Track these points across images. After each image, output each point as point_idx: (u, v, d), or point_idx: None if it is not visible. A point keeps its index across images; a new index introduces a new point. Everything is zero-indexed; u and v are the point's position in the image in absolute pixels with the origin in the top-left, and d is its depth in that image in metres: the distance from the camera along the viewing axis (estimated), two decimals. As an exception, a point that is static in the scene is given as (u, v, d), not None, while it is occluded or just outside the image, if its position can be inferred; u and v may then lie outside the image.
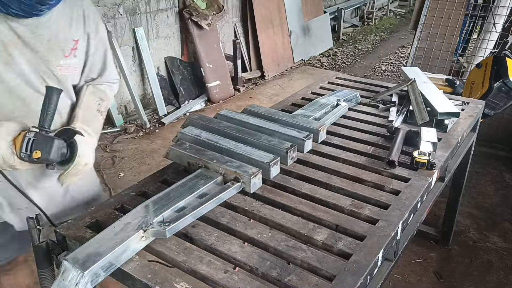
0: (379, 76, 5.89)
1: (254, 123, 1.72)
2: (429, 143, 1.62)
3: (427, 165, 1.54)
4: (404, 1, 10.05)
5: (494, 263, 2.54)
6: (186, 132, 1.62)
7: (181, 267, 1.13)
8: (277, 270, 1.09)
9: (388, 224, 1.27)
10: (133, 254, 1.14)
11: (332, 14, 7.19)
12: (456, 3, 3.88)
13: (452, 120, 1.91)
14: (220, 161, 1.43)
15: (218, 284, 1.06)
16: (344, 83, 2.45)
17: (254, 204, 1.36)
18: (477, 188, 3.24)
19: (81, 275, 1.00)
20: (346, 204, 1.36)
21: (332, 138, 1.79)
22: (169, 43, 4.62)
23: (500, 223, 2.88)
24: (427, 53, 3.93)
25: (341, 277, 1.06)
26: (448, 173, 1.90)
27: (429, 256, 2.60)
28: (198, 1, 4.63)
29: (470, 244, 2.70)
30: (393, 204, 1.36)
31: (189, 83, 4.83)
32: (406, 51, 6.68)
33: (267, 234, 1.22)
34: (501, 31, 3.70)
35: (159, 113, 4.41)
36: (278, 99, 4.13)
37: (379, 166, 1.57)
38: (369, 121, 1.97)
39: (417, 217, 1.54)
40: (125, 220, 1.18)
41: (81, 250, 1.07)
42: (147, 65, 4.28)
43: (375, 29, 8.14)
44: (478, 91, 2.81)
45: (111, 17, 3.96)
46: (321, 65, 6.26)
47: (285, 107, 2.13)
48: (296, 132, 1.66)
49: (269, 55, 5.65)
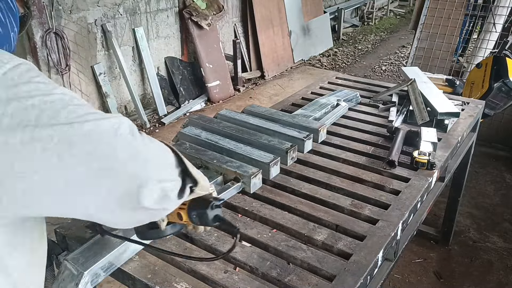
0: (379, 76, 5.89)
1: (254, 123, 1.72)
2: (429, 143, 1.62)
3: (427, 165, 1.54)
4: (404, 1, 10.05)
5: (494, 263, 2.54)
6: (186, 132, 1.62)
7: (181, 267, 1.13)
8: (277, 270, 1.09)
9: (388, 224, 1.27)
10: (133, 254, 1.14)
11: (332, 14, 7.19)
12: (456, 3, 3.88)
13: (452, 120, 1.91)
14: (220, 161, 1.44)
15: (218, 284, 1.06)
16: (344, 83, 2.45)
17: (254, 204, 1.36)
18: (477, 188, 3.24)
19: (81, 275, 1.00)
20: (346, 204, 1.36)
21: (332, 138, 1.79)
22: (169, 43, 4.62)
23: (500, 223, 2.88)
24: (427, 53, 3.93)
25: (341, 277, 1.06)
26: (448, 173, 1.90)
27: (429, 256, 2.60)
28: (198, 1, 4.63)
29: (470, 244, 2.70)
30: (393, 204, 1.36)
31: (189, 83, 4.83)
32: (406, 51, 6.67)
33: (267, 234, 1.22)
34: (501, 31, 3.69)
35: (159, 113, 4.41)
36: (278, 99, 4.13)
37: (379, 166, 1.57)
38: (369, 121, 1.97)
39: (417, 217, 1.54)
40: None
41: (81, 250, 1.07)
42: (147, 65, 4.28)
43: (375, 29, 8.13)
44: (478, 91, 2.81)
45: (111, 17, 3.96)
46: (321, 65, 6.25)
47: (285, 107, 2.13)
48: (296, 132, 1.66)
49: (269, 55, 5.65)
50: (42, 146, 0.57)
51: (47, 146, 0.57)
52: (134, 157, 0.65)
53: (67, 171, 0.59)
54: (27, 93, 0.58)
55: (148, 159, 0.68)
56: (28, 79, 0.60)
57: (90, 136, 0.60)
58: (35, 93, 0.59)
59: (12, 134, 0.56)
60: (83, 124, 0.60)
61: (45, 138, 0.57)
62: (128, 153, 0.64)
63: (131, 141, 0.65)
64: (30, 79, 0.60)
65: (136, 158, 0.65)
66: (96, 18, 3.83)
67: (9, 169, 0.56)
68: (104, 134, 0.62)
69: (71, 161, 0.59)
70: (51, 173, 0.58)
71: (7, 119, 0.56)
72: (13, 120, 0.56)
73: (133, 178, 0.65)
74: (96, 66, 3.88)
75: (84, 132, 0.60)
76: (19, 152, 0.56)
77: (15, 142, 0.56)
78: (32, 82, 0.59)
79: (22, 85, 0.58)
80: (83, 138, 0.60)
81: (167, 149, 0.76)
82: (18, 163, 0.56)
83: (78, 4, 3.65)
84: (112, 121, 0.64)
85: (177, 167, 0.75)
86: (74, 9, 3.63)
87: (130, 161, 0.64)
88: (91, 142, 0.60)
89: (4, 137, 0.55)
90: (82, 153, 0.59)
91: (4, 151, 0.56)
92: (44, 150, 0.57)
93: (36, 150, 0.56)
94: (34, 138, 0.56)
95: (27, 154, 0.56)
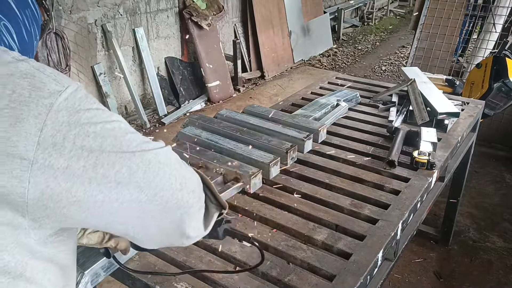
0: (379, 76, 5.89)
1: (254, 123, 1.72)
2: (429, 143, 1.63)
3: (427, 165, 1.54)
4: (404, 1, 10.05)
5: (493, 263, 2.54)
6: (186, 132, 1.62)
7: (181, 267, 1.13)
8: (277, 270, 1.09)
9: (388, 224, 1.27)
10: (133, 254, 1.14)
11: (332, 14, 7.19)
12: (456, 3, 3.88)
13: (452, 120, 1.91)
14: (220, 161, 1.44)
15: (218, 284, 1.06)
16: (344, 83, 2.45)
17: (254, 204, 1.36)
18: (477, 188, 3.24)
19: (81, 275, 1.00)
20: (346, 204, 1.36)
21: (332, 138, 1.79)
22: (169, 43, 4.62)
23: (500, 223, 2.88)
24: (427, 53, 3.93)
25: (341, 277, 1.06)
26: (448, 173, 1.90)
27: (429, 256, 2.60)
28: (198, 1, 4.63)
29: (470, 244, 2.70)
30: (393, 204, 1.36)
31: (189, 83, 4.83)
32: (406, 51, 6.67)
33: (267, 234, 1.22)
34: (501, 31, 3.70)
35: (159, 113, 4.41)
36: (278, 99, 4.13)
37: (379, 166, 1.58)
38: (369, 121, 1.97)
39: (417, 217, 1.54)
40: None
41: (81, 250, 1.07)
42: (147, 65, 4.28)
43: (375, 29, 8.13)
44: (478, 91, 2.82)
45: (111, 17, 3.96)
46: (321, 65, 6.26)
47: (285, 107, 2.13)
48: (296, 132, 1.66)
49: (269, 55, 5.65)
50: (104, 173, 0.58)
51: (108, 173, 0.59)
52: (184, 185, 0.68)
53: (123, 197, 0.61)
54: (89, 120, 0.58)
55: (193, 189, 0.71)
56: (89, 106, 0.59)
57: (150, 164, 0.63)
58: (96, 120, 0.59)
59: (75, 160, 0.56)
60: (144, 153, 0.62)
61: (107, 165, 0.58)
62: (179, 182, 0.67)
63: (179, 169, 0.68)
64: (90, 105, 0.60)
65: (185, 187, 0.68)
66: (96, 18, 3.83)
67: (65, 193, 0.57)
68: (161, 164, 0.64)
69: (130, 187, 0.61)
70: (109, 197, 0.60)
71: (70, 145, 0.56)
72: (75, 145, 0.56)
73: (181, 206, 0.68)
74: (96, 66, 3.88)
75: (144, 160, 0.62)
76: (79, 177, 0.57)
77: (78, 167, 0.57)
78: (92, 109, 0.60)
79: (84, 111, 0.58)
80: (143, 166, 0.62)
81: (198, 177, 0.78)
82: (76, 187, 0.57)
83: (78, 4, 3.65)
84: (166, 149, 0.67)
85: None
86: (74, 9, 3.63)
87: (179, 191, 0.67)
88: (151, 171, 0.63)
89: (66, 162, 0.56)
90: (141, 180, 0.62)
91: (63, 176, 0.56)
92: (105, 177, 0.59)
93: (97, 176, 0.58)
94: (97, 164, 0.58)
95: (87, 179, 0.57)
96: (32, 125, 0.54)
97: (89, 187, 0.58)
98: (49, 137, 0.55)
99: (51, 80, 0.58)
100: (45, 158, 0.55)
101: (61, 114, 0.56)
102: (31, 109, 0.55)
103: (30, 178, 0.54)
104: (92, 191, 0.58)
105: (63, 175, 0.56)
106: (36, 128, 0.54)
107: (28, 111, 0.54)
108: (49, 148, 0.55)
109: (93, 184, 0.58)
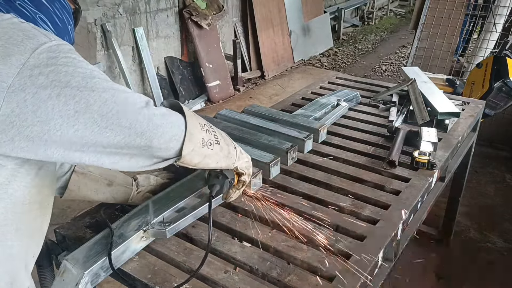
0: (379, 76, 5.89)
1: (254, 123, 1.72)
2: (429, 143, 1.62)
3: (427, 165, 1.54)
4: (404, 1, 10.05)
5: (494, 263, 2.54)
6: (186, 132, 1.62)
7: (181, 267, 1.13)
8: (277, 270, 1.09)
9: (388, 224, 1.26)
10: (133, 254, 1.14)
11: (332, 14, 7.19)
12: (456, 3, 3.88)
13: (453, 120, 1.91)
14: (220, 161, 1.43)
15: (218, 284, 1.06)
16: (344, 83, 2.45)
17: (254, 204, 1.35)
18: (477, 188, 3.24)
19: (81, 275, 1.00)
20: (346, 204, 1.36)
21: (333, 138, 1.78)
22: (169, 43, 4.61)
23: (500, 223, 2.87)
24: (428, 53, 3.93)
25: (342, 278, 1.06)
26: (448, 173, 1.90)
27: (429, 256, 2.60)
28: (198, 1, 4.63)
29: (470, 244, 2.70)
30: (393, 204, 1.36)
31: (189, 83, 4.82)
32: (406, 51, 6.67)
33: (267, 234, 1.22)
34: (502, 31, 3.69)
35: (159, 113, 4.41)
36: (278, 99, 4.12)
37: (379, 166, 1.57)
38: (370, 121, 1.97)
39: (417, 217, 1.54)
40: (125, 220, 1.17)
41: (81, 250, 1.07)
42: (147, 65, 4.28)
43: (375, 29, 8.13)
44: (478, 91, 2.81)
45: (111, 17, 3.95)
46: (321, 65, 6.25)
47: (285, 107, 2.13)
48: (297, 132, 1.66)
49: (269, 55, 5.65)
50: (65, 101, 0.70)
51: (69, 101, 0.70)
52: (133, 125, 0.77)
53: (79, 125, 0.72)
54: (65, 63, 0.72)
55: (141, 131, 0.78)
56: (69, 55, 0.73)
57: (106, 102, 0.73)
58: (70, 63, 0.72)
59: (43, 89, 0.69)
60: (102, 92, 0.73)
61: (68, 96, 0.70)
62: (130, 122, 0.76)
63: (133, 112, 0.77)
64: (69, 54, 0.73)
65: (133, 127, 0.77)
66: (95, 18, 3.82)
67: (31, 113, 0.69)
68: (115, 104, 0.74)
69: (85, 117, 0.72)
70: (67, 122, 0.71)
71: (43, 78, 0.69)
72: (47, 79, 0.69)
73: (128, 144, 0.78)
74: (95, 66, 3.87)
75: (101, 98, 0.73)
76: (44, 102, 0.69)
77: (45, 94, 0.69)
78: (70, 56, 0.73)
79: (62, 57, 0.72)
80: (99, 102, 0.73)
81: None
82: (40, 110, 0.69)
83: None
84: (128, 95, 0.78)
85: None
86: (74, 9, 3.63)
87: (128, 129, 0.76)
88: (105, 107, 0.73)
89: (36, 89, 0.69)
90: (95, 113, 0.72)
91: (32, 99, 0.68)
92: (66, 104, 0.70)
93: (60, 104, 0.70)
94: (60, 94, 0.70)
95: (50, 105, 0.69)
96: (18, 59, 0.69)
97: (52, 112, 0.70)
98: (28, 69, 0.69)
99: (43, 35, 0.74)
100: (20, 84, 0.68)
101: (42, 56, 0.70)
102: (20, 49, 0.70)
103: (5, 98, 0.67)
104: (53, 115, 0.70)
105: (32, 99, 0.68)
106: (19, 62, 0.69)
107: (17, 50, 0.69)
108: (25, 78, 0.68)
109: (55, 110, 0.70)
